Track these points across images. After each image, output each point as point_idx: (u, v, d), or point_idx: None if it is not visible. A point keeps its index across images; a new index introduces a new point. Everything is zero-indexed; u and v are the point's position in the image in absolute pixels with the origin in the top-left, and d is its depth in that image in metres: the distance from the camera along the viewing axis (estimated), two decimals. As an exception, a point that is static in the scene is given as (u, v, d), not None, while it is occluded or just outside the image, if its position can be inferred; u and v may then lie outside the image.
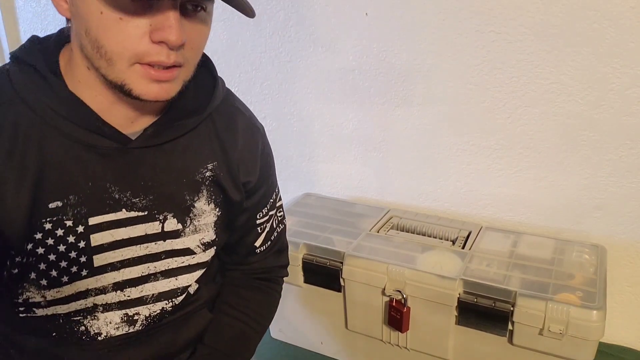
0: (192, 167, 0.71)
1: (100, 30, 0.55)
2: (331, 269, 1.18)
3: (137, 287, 0.70)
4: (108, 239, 0.66)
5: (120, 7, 0.54)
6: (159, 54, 0.56)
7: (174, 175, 0.70)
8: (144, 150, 0.66)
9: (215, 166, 0.73)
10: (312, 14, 1.39)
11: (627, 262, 1.26)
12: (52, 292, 0.65)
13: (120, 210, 0.66)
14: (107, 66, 0.57)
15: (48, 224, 0.62)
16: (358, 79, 1.40)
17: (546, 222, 1.31)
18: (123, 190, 0.66)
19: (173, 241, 0.71)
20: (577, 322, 0.95)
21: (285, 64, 1.48)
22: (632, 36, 1.09)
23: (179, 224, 0.71)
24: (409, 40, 1.30)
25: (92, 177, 0.64)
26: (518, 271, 1.08)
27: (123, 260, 0.68)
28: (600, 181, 1.22)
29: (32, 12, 1.86)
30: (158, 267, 0.71)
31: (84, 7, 0.55)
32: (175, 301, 0.75)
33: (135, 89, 0.58)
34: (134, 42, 0.55)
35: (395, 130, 1.41)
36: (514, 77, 1.22)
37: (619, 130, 1.16)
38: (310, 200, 1.49)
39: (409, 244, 1.21)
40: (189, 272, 0.75)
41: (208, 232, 0.74)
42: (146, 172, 0.67)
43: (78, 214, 0.63)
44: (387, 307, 1.14)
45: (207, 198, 0.73)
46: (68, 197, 0.62)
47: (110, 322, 0.70)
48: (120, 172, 0.65)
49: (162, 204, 0.69)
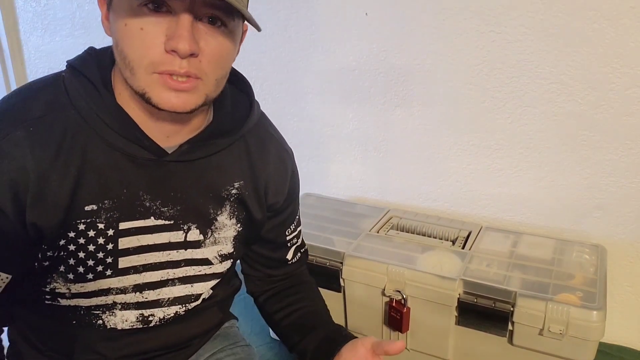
0: (220, 183, 0.75)
1: (124, 40, 0.60)
2: (331, 269, 1.18)
3: (155, 290, 0.74)
4: (135, 243, 0.70)
5: (141, 17, 0.58)
6: (171, 63, 0.59)
7: (202, 190, 0.73)
8: (177, 164, 0.70)
9: (241, 185, 0.77)
10: (312, 14, 1.39)
11: (627, 262, 1.26)
12: (77, 286, 0.69)
13: (149, 218, 0.70)
14: (130, 76, 0.61)
15: (82, 224, 0.66)
16: (358, 79, 1.40)
17: (546, 222, 1.31)
18: (154, 199, 0.70)
19: (193, 251, 0.75)
20: (577, 322, 0.95)
21: (285, 64, 1.48)
22: (632, 36, 1.09)
23: (201, 235, 0.75)
24: (409, 40, 1.30)
25: (127, 185, 0.67)
26: (518, 271, 1.08)
27: (146, 264, 0.72)
28: (600, 181, 1.22)
29: (32, 12, 1.86)
30: (177, 274, 0.75)
31: (114, 23, 0.61)
32: (188, 306, 0.79)
33: (154, 97, 0.61)
34: (150, 51, 0.59)
35: (395, 130, 1.41)
36: (514, 77, 1.22)
37: (619, 130, 1.16)
38: (310, 200, 1.49)
39: (409, 244, 1.21)
40: (204, 280, 0.79)
41: (226, 245, 0.78)
42: (177, 184, 0.71)
43: (110, 218, 0.67)
44: (387, 307, 1.14)
45: (230, 213, 0.77)
46: (103, 202, 0.66)
47: (126, 320, 0.74)
48: (153, 182, 0.69)
49: (187, 215, 0.73)
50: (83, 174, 0.64)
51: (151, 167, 0.68)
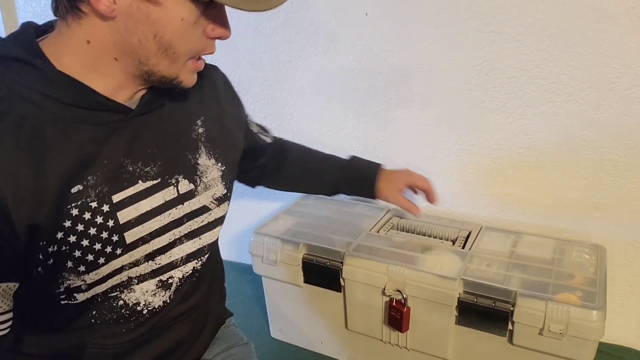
0: (186, 124, 0.76)
1: (177, 34, 0.61)
2: (331, 269, 1.18)
3: (165, 254, 0.74)
4: (134, 214, 0.69)
5: (197, 12, 0.61)
6: (211, 47, 0.67)
7: (173, 137, 0.73)
8: (144, 118, 0.70)
9: (203, 121, 0.78)
10: (312, 14, 1.39)
11: (627, 262, 1.26)
12: (92, 275, 0.67)
13: (137, 182, 0.69)
14: (169, 64, 0.63)
15: (74, 209, 0.63)
16: (358, 79, 1.40)
17: (546, 222, 1.31)
18: (135, 161, 0.68)
19: (190, 202, 0.75)
20: (577, 322, 0.95)
21: (285, 64, 1.48)
22: (632, 36, 1.09)
23: (191, 184, 0.75)
24: (409, 40, 1.30)
25: (105, 154, 0.65)
26: (518, 271, 1.08)
27: (152, 232, 0.71)
28: (600, 181, 1.22)
29: (32, 12, 1.86)
30: (182, 231, 0.75)
31: (162, 16, 0.60)
32: (203, 259, 0.80)
33: (185, 80, 0.67)
34: (200, 41, 0.64)
35: (395, 130, 1.41)
36: (514, 77, 1.22)
37: (619, 130, 1.16)
38: (310, 200, 1.49)
39: (409, 244, 1.21)
40: (209, 229, 0.79)
41: (218, 187, 0.79)
42: (150, 139, 0.70)
43: (100, 193, 0.65)
44: (387, 307, 1.14)
45: (207, 154, 0.77)
46: (87, 179, 0.64)
47: (146, 291, 0.74)
48: (128, 144, 0.68)
49: (170, 168, 0.72)
50: (56, 159, 0.61)
51: (121, 128, 0.67)
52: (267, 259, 1.25)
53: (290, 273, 1.24)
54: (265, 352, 1.37)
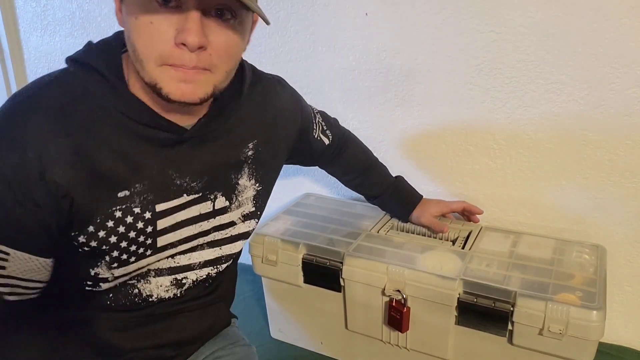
0: (237, 148, 0.79)
1: (134, 33, 0.61)
2: (331, 269, 1.18)
3: (185, 255, 0.79)
4: (171, 222, 0.74)
5: (151, 12, 0.59)
6: (180, 57, 0.60)
7: (223, 159, 0.77)
8: (196, 140, 0.73)
9: (255, 144, 0.81)
10: (312, 14, 1.39)
11: (627, 262, 1.26)
12: (120, 270, 0.73)
13: (182, 196, 0.73)
14: (141, 69, 0.62)
15: (118, 212, 0.68)
16: (358, 79, 1.40)
17: (546, 222, 1.31)
18: (183, 176, 0.73)
19: (221, 217, 0.80)
20: (577, 322, 0.95)
21: (285, 64, 1.48)
22: (632, 36, 1.09)
23: (227, 201, 0.79)
24: (409, 40, 1.30)
25: (155, 166, 0.70)
26: (518, 271, 1.08)
27: (181, 239, 0.76)
28: (600, 181, 1.22)
29: (32, 12, 1.86)
30: (206, 240, 0.80)
31: (126, 16, 0.62)
32: (220, 268, 0.84)
33: (165, 88, 0.62)
34: (160, 44, 0.60)
35: (395, 130, 1.41)
36: (514, 77, 1.22)
37: (619, 130, 1.16)
38: (310, 200, 1.49)
39: (409, 244, 1.21)
40: (231, 242, 0.84)
41: (248, 205, 0.83)
42: (199, 158, 0.74)
43: (145, 200, 0.70)
44: (387, 307, 1.14)
45: (249, 175, 0.81)
46: (135, 186, 0.68)
47: (161, 285, 0.79)
48: (178, 160, 0.72)
49: (213, 184, 0.76)
50: (110, 163, 0.66)
51: (175, 146, 0.71)
52: (267, 259, 1.25)
53: (290, 273, 1.24)
54: (265, 352, 1.37)
